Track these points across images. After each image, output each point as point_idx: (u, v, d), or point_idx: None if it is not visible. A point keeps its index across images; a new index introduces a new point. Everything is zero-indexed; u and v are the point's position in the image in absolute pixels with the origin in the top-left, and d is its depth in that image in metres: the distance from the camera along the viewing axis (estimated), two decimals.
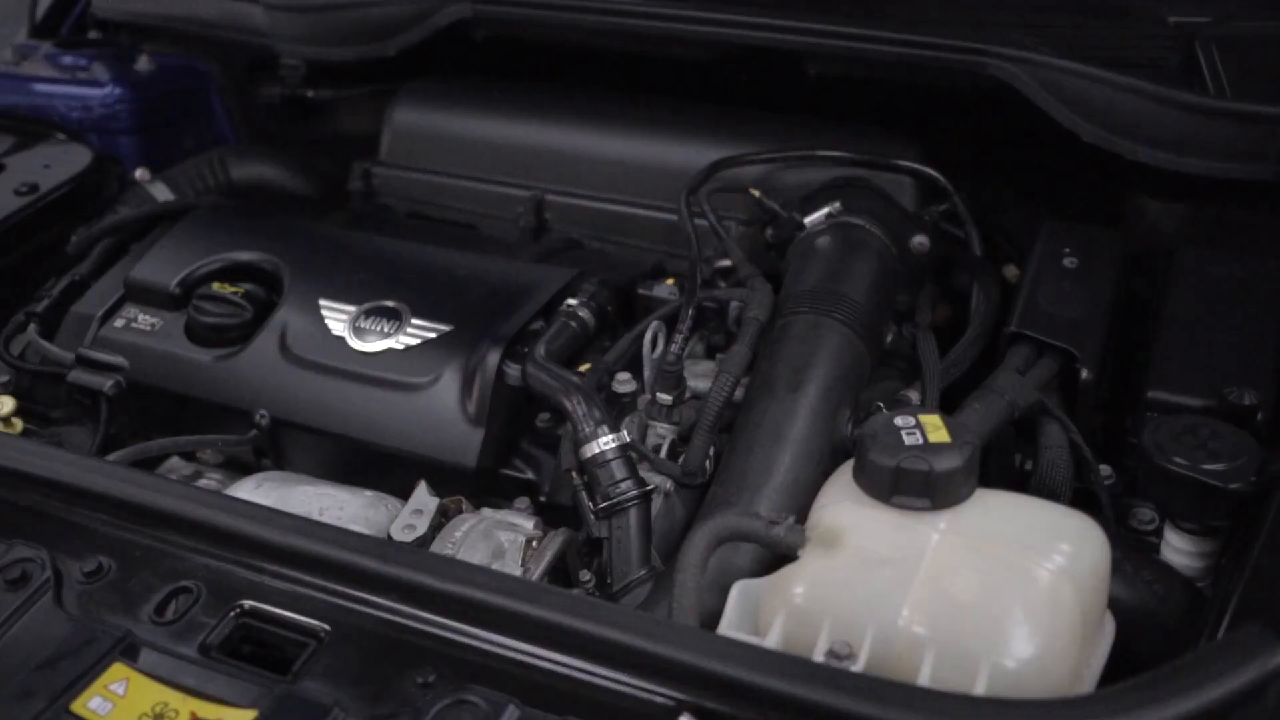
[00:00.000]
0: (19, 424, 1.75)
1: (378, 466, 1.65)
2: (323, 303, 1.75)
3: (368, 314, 1.72)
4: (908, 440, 1.22)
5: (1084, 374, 1.55)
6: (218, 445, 1.69)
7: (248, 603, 1.22)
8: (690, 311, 1.61)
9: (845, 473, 1.30)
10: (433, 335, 1.68)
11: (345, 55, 2.28)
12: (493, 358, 1.62)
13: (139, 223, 2.02)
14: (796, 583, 1.21)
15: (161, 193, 2.18)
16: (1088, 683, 1.18)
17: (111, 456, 1.62)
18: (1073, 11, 2.06)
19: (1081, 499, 1.53)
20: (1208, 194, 1.87)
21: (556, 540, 1.47)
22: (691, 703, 1.08)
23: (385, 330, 1.70)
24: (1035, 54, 1.85)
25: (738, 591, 1.24)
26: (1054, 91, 1.83)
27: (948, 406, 1.58)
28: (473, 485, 1.59)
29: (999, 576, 1.16)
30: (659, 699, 1.09)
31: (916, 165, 1.92)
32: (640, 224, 2.05)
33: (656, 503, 1.50)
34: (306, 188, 2.33)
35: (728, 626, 1.23)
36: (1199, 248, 1.75)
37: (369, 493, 1.55)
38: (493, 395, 1.61)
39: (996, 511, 1.23)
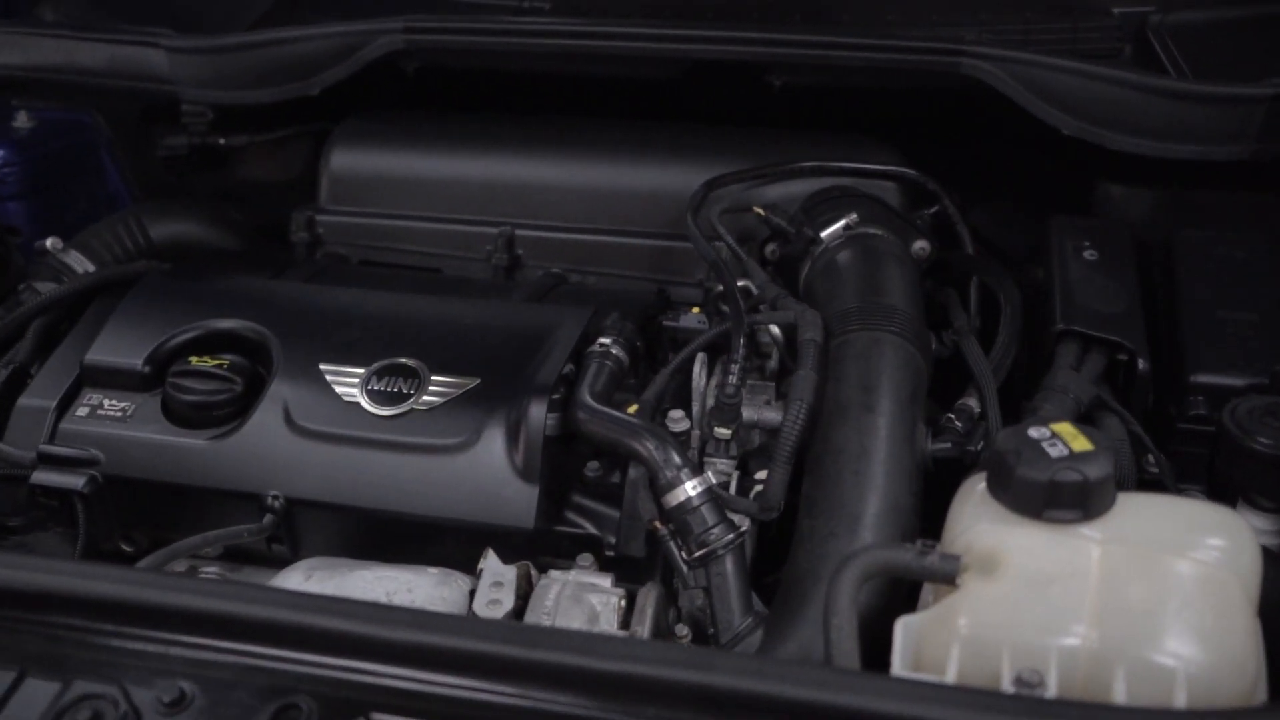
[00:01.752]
0: None
1: (415, 539, 1.52)
2: (324, 367, 1.60)
3: (380, 375, 1.58)
4: (1052, 452, 1.19)
5: (1140, 364, 1.56)
6: (244, 536, 1.52)
7: (377, 715, 1.08)
8: (742, 340, 1.54)
9: (975, 492, 1.25)
10: (459, 391, 1.56)
11: (263, 97, 2.11)
12: (537, 409, 1.50)
13: (74, 298, 1.81)
14: (964, 613, 1.15)
15: (77, 262, 1.97)
16: (1263, 684, 1.17)
17: (143, 563, 1.43)
18: (1021, 8, 2.08)
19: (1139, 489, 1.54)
20: (1175, 177, 1.92)
21: (652, 596, 1.38)
22: None
23: (404, 390, 1.57)
24: (1011, 51, 1.85)
25: (902, 629, 1.18)
26: (1032, 87, 1.83)
27: None
28: (529, 547, 1.48)
29: (1170, 581, 1.14)
30: None
31: (908, 171, 1.90)
32: (622, 252, 1.97)
33: None
34: (232, 242, 2.15)
35: (901, 668, 1.16)
36: (1193, 231, 1.79)
37: (433, 570, 1.42)
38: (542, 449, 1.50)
39: (1144, 514, 1.20)
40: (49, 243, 1.97)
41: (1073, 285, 1.65)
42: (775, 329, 1.64)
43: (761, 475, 1.51)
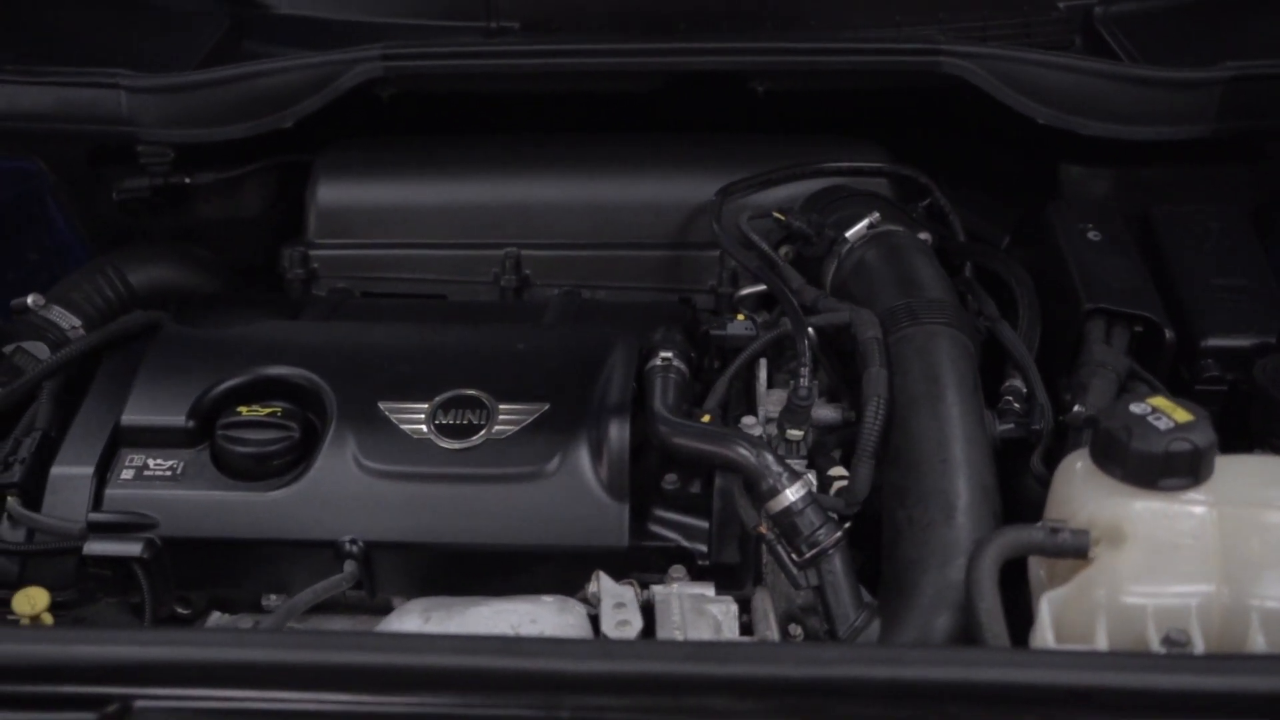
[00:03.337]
0: (49, 619, 1.47)
1: (503, 570, 1.52)
2: (384, 406, 1.58)
3: (445, 408, 1.57)
4: (1159, 425, 1.27)
5: (1168, 334, 1.67)
6: (342, 586, 1.48)
7: None
8: (807, 343, 1.59)
9: (1078, 469, 1.33)
10: (530, 417, 1.56)
11: (234, 133, 2.04)
12: (618, 428, 1.52)
13: (84, 356, 1.73)
14: (1102, 584, 1.23)
15: (61, 317, 1.87)
16: None
17: (264, 624, 1.39)
18: (975, 6, 2.18)
19: None
20: (1132, 156, 2.05)
21: (766, 601, 1.42)
22: None
23: (474, 422, 1.56)
24: (987, 48, 1.95)
25: (1046, 604, 1.25)
26: (1009, 81, 1.94)
27: None
28: (622, 565, 1.49)
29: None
30: None
31: (905, 168, 1.98)
32: (629, 265, 1.99)
33: None
34: (211, 283, 2.08)
35: (1050, 641, 1.23)
36: (1171, 206, 1.92)
37: (548, 598, 1.42)
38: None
39: (1240, 475, 1.29)
40: (30, 300, 1.87)
41: (1088, 265, 1.75)
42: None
43: (835, 472, 1.56)
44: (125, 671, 1.13)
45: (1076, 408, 1.55)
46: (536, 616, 1.37)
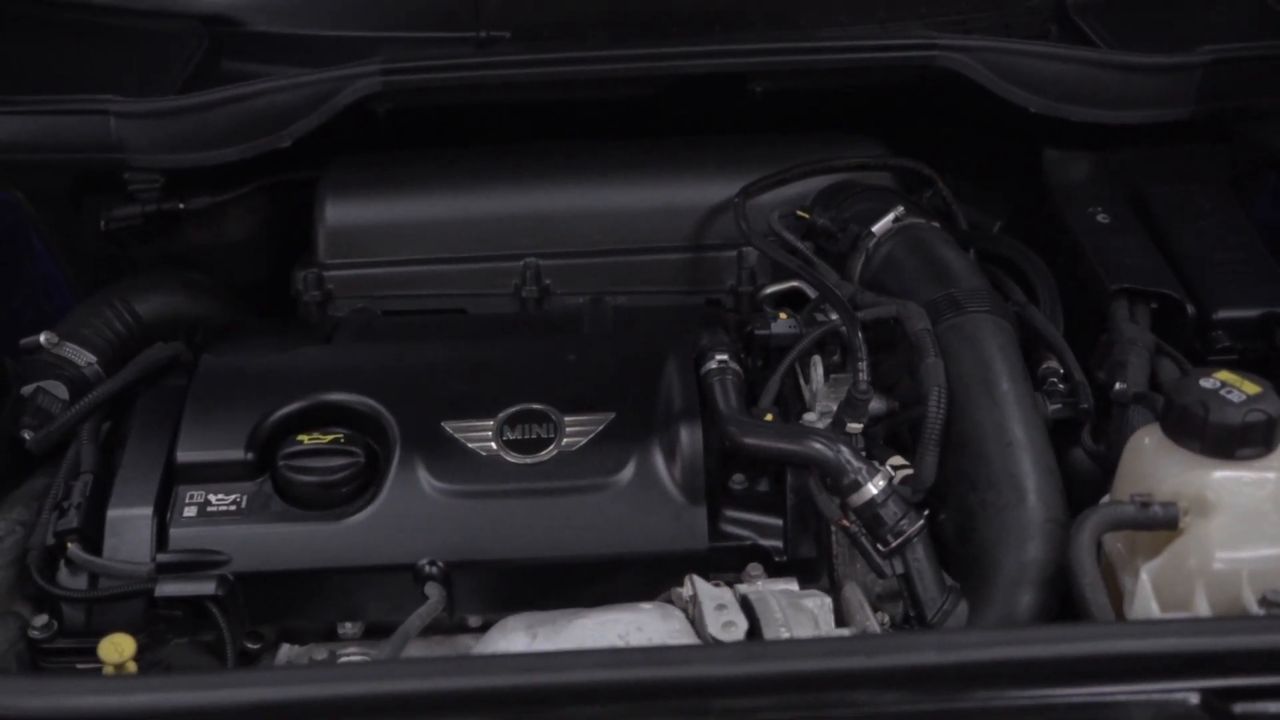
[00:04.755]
0: (134, 667, 1.43)
1: (586, 581, 1.53)
2: (447, 425, 1.58)
3: (511, 423, 1.57)
4: (1233, 398, 1.34)
5: (1190, 310, 1.75)
6: (439, 609, 1.47)
7: None
8: (861, 337, 1.62)
9: (1148, 444, 1.39)
10: (598, 427, 1.57)
11: (230, 155, 1.98)
12: (690, 432, 1.55)
13: (119, 395, 1.68)
14: (1195, 553, 1.30)
15: (75, 354, 1.81)
16: None
17: (381, 656, 1.37)
18: (954, 1, 2.25)
19: None
20: (1110, 139, 2.14)
21: (858, 592, 1.46)
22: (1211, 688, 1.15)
23: (542, 435, 1.57)
24: (976, 40, 2.02)
25: (1146, 575, 1.31)
26: (1002, 72, 2.00)
27: None
28: (701, 567, 1.52)
29: None
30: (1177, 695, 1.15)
31: (912, 162, 2.04)
32: (648, 270, 2.00)
33: None
34: (217, 309, 2.03)
35: (1154, 610, 1.29)
36: (1164, 186, 2.01)
37: (646, 605, 1.43)
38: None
39: None
40: (42, 338, 1.81)
41: (1104, 248, 1.83)
42: None
43: (895, 461, 1.61)
44: (266, 713, 1.12)
45: (1119, 385, 1.61)
46: (642, 624, 1.38)
